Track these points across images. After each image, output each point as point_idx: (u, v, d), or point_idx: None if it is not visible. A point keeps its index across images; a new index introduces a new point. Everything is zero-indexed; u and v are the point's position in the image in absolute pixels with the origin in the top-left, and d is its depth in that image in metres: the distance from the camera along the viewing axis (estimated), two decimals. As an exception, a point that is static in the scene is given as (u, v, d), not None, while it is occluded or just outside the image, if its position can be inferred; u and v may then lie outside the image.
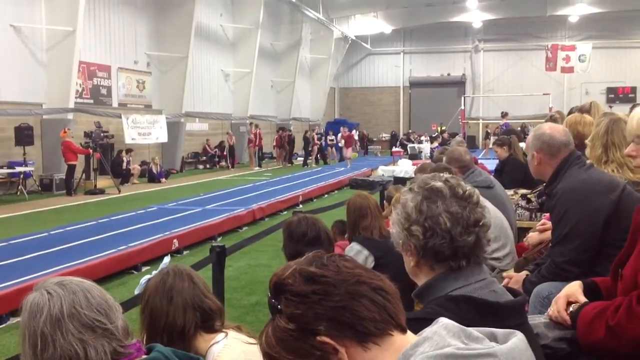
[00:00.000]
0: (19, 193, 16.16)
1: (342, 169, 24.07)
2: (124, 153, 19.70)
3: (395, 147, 29.43)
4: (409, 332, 1.19)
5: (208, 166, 25.85)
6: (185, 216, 11.52)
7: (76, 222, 11.15)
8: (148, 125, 20.94)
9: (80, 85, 19.03)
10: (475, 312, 1.63)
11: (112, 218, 11.56)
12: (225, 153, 26.57)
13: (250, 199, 13.94)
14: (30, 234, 9.93)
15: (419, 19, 37.26)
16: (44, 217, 12.52)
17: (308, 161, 28.56)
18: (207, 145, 26.45)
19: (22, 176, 16.30)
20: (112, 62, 20.94)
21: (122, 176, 19.04)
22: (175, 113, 23.29)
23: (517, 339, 1.15)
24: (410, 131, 37.97)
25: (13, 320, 6.25)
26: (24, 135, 16.31)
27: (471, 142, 33.02)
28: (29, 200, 15.25)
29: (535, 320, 2.21)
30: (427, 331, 1.15)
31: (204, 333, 2.12)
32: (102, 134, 17.32)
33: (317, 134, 30.42)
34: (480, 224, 1.76)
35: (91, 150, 16.96)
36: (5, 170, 15.91)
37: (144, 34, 22.56)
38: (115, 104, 21.16)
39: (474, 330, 1.16)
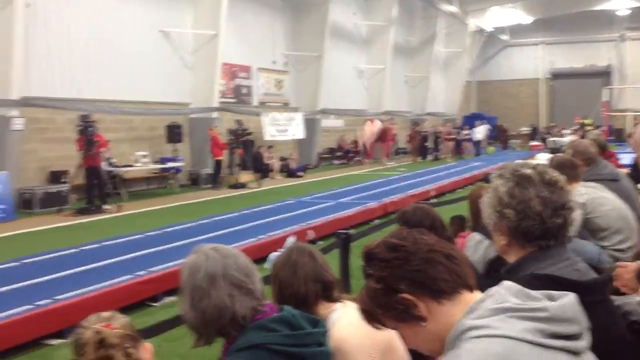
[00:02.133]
0: (170, 186, 17.48)
1: (477, 163, 23.80)
2: (263, 149, 20.69)
3: (534, 140, 28.61)
4: (477, 291, 1.46)
5: (343, 161, 26.45)
6: (320, 209, 12.05)
7: (221, 213, 12.00)
8: (286, 123, 21.84)
9: (223, 85, 20.20)
10: (557, 289, 1.85)
11: (253, 210, 12.31)
12: (359, 148, 27.06)
13: (382, 193, 14.27)
14: (180, 223, 10.84)
15: (560, 8, 35.86)
16: (192, 208, 13.50)
17: (442, 156, 28.44)
18: (342, 141, 27.06)
19: (172, 171, 17.61)
20: (252, 62, 22.00)
21: (262, 171, 20.00)
22: (311, 110, 24.05)
23: (568, 298, 1.38)
24: (551, 124, 36.65)
25: (166, 300, 6.95)
26: (174, 133, 17.62)
27: (618, 134, 31.35)
28: (179, 194, 16.46)
29: (629, 299, 2.36)
30: (491, 290, 1.41)
31: (324, 302, 2.46)
32: (243, 131, 18.32)
33: (454, 128, 30.20)
34: (567, 206, 1.97)
35: (229, 146, 18.02)
36: (158, 166, 17.27)
37: (281, 35, 23.50)
38: (255, 103, 22.24)
39: (533, 292, 1.40)
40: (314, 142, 24.50)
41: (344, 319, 2.34)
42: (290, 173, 21.13)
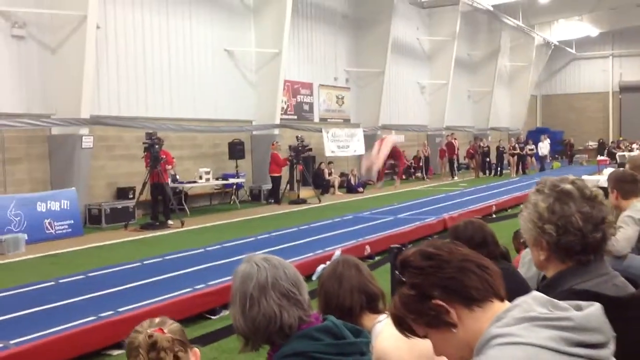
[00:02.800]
0: (232, 202, 17.78)
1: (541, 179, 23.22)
2: (324, 165, 20.82)
3: (602, 155, 27.83)
4: (507, 301, 1.48)
5: (404, 177, 26.31)
6: (378, 224, 12.05)
7: (280, 228, 12.14)
8: (346, 139, 21.93)
9: (285, 102, 20.48)
10: None
11: (312, 225, 12.40)
12: (420, 164, 26.88)
13: (442, 209, 14.15)
14: (239, 238, 11.03)
15: (630, 20, 34.91)
16: (253, 224, 13.71)
17: (505, 171, 27.96)
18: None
19: (234, 187, 17.92)
20: (314, 79, 22.24)
21: (323, 187, 20.12)
22: (372, 126, 24.09)
23: (594, 307, 1.39)
24: (620, 138, 35.58)
25: (224, 313, 7.08)
26: (236, 150, 17.95)
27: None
28: (241, 209, 16.73)
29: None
30: (519, 300, 1.44)
31: (369, 313, 2.49)
32: (303, 147, 18.50)
33: (517, 144, 29.67)
34: (606, 221, 1.95)
35: (289, 162, 18.20)
36: (221, 182, 17.61)
37: (343, 52, 23.69)
38: (316, 119, 22.44)
39: (561, 302, 1.41)
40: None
41: (388, 331, 2.37)
42: (350, 189, 21.18)
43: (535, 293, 1.45)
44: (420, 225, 11.75)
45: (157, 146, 13.50)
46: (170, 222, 13.82)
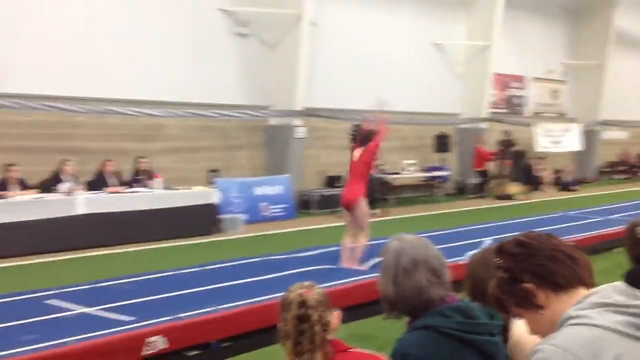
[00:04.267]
0: (436, 195, 17.90)
1: None
2: (534, 160, 20.11)
3: None
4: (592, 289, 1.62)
5: (627, 176, 24.49)
6: (585, 224, 11.49)
7: (478, 222, 12.07)
8: (560, 134, 20.94)
9: (494, 95, 20.09)
10: None
11: (512, 221, 12.15)
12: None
13: (662, 211, 13.08)
14: (438, 229, 11.17)
15: None
16: (454, 217, 13.75)
17: None
18: (625, 155, 25.09)
19: (439, 180, 18.02)
20: (526, 72, 21.52)
21: (533, 183, 19.46)
22: (590, 121, 22.74)
23: None
24: None
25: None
26: (442, 143, 18.03)
27: None
28: (444, 202, 16.81)
29: None
30: (599, 287, 1.58)
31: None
32: (510, 142, 18.05)
33: None
34: None
35: (496, 157, 17.84)
36: (425, 174, 17.81)
37: (558, 43, 22.62)
38: (528, 113, 21.71)
39: None
40: (593, 155, 23.12)
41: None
42: (563, 186, 20.24)
43: (616, 283, 1.58)
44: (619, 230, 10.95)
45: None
46: (374, 211, 14.31)
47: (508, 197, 17.39)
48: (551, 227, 11.01)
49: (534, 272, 1.64)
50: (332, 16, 15.92)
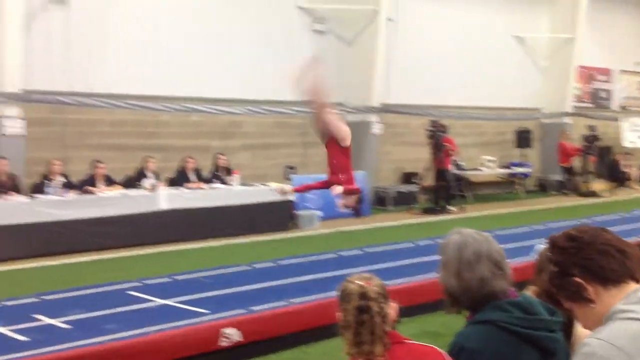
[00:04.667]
0: (516, 192, 17.50)
1: None
2: (620, 156, 19.35)
3: None
4: None
5: None
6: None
7: (558, 220, 11.74)
8: (649, 129, 20.05)
9: (578, 89, 19.45)
10: None
11: (592, 219, 11.77)
12: None
13: None
14: (516, 227, 10.95)
15: None
16: (535, 215, 13.43)
17: None
18: None
19: (520, 176, 17.61)
20: (613, 65, 20.71)
21: (619, 180, 18.74)
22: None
23: None
24: None
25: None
26: (523, 138, 17.61)
27: None
28: (525, 199, 16.42)
29: None
30: None
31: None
32: (595, 137, 17.43)
33: None
34: None
35: (580, 152, 17.28)
36: (505, 171, 17.44)
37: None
38: (615, 107, 20.90)
39: None
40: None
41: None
42: (652, 183, 19.39)
43: None
44: None
45: (439, 133, 13.92)
46: (450, 207, 14.17)
47: (592, 194, 16.83)
48: (636, 225, 10.62)
49: (583, 266, 1.64)
50: (409, 11, 15.80)
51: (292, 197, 9.85)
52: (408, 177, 15.82)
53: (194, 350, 5.27)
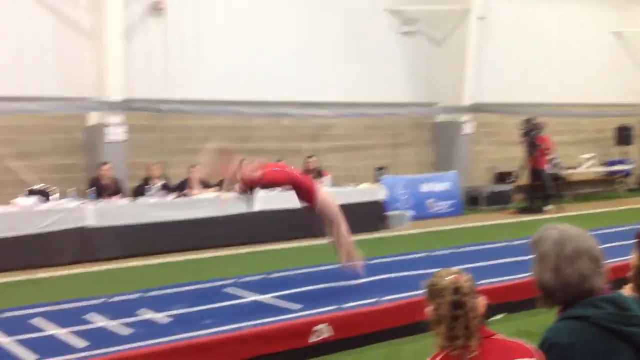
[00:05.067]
0: (618, 190, 16.82)
1: None
2: None
3: None
4: None
5: None
6: None
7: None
8: None
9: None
10: None
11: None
12: None
13: None
14: (616, 225, 10.51)
15: None
16: (634, 213, 12.85)
17: None
18: None
19: (621, 174, 16.91)
20: None
21: None
22: None
23: None
24: None
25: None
26: (623, 135, 16.92)
27: None
28: (626, 198, 15.75)
29: None
30: None
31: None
32: None
33: None
34: None
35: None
36: (604, 169, 16.79)
37: None
38: None
39: None
40: None
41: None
42: None
43: None
44: None
45: (533, 132, 13.58)
46: (547, 207, 13.78)
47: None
48: None
49: None
50: (499, 9, 15.52)
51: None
52: (502, 177, 15.53)
53: (286, 345, 5.41)
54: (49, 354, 4.82)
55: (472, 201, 14.63)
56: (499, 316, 5.99)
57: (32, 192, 10.07)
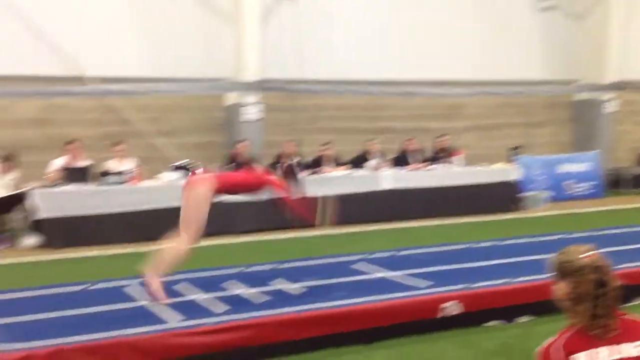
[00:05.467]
0: None
1: None
2: None
3: None
4: None
5: None
6: None
7: None
8: None
9: None
10: None
11: None
12: None
13: None
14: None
15: None
16: None
17: None
18: None
19: None
20: None
21: None
22: None
23: None
24: None
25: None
26: None
27: None
28: None
29: None
30: None
31: None
32: None
33: None
34: None
35: None
36: None
37: None
38: None
39: None
40: None
41: None
42: None
43: None
44: None
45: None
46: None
47: None
48: None
49: None
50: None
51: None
52: (646, 158, 14.63)
53: (415, 317, 5.48)
54: (194, 316, 5.16)
55: (614, 184, 13.92)
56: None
57: (177, 168, 10.66)
